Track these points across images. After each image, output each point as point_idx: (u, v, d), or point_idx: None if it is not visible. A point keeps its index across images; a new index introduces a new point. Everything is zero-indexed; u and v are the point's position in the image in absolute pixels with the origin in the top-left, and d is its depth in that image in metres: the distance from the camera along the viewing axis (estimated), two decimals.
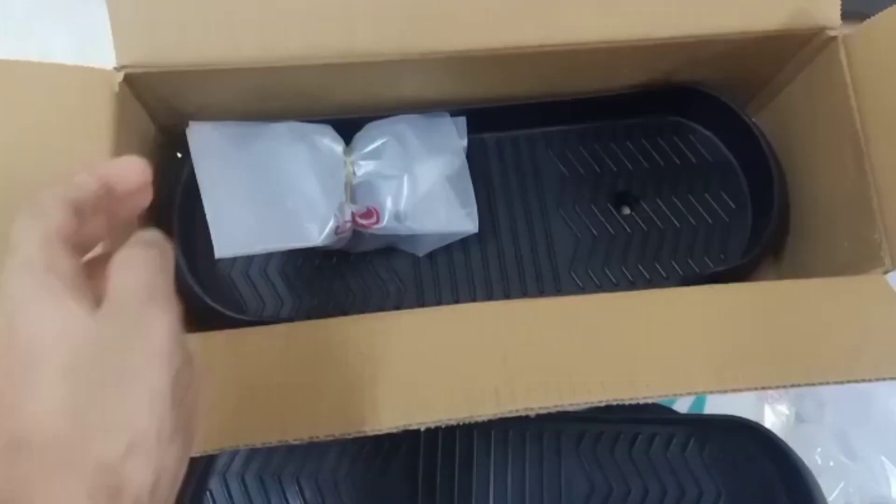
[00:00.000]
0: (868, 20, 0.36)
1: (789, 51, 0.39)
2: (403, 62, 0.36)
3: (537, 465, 0.38)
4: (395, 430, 0.28)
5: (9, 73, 0.33)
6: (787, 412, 0.41)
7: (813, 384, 0.30)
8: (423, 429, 0.39)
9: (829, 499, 0.38)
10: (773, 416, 0.41)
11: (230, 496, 0.38)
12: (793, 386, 0.30)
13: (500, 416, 0.28)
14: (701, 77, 0.42)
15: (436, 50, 0.35)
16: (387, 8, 0.35)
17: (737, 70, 0.41)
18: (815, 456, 0.38)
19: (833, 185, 0.38)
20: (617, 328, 0.31)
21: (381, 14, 0.35)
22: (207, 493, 0.38)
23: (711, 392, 0.29)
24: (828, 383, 0.30)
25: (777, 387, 0.30)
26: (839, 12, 0.37)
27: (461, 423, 0.39)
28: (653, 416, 0.40)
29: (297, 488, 0.38)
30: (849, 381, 0.30)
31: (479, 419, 0.28)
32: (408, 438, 0.39)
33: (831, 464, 0.38)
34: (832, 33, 0.37)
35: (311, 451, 0.39)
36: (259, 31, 0.35)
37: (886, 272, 0.34)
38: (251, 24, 0.34)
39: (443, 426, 0.40)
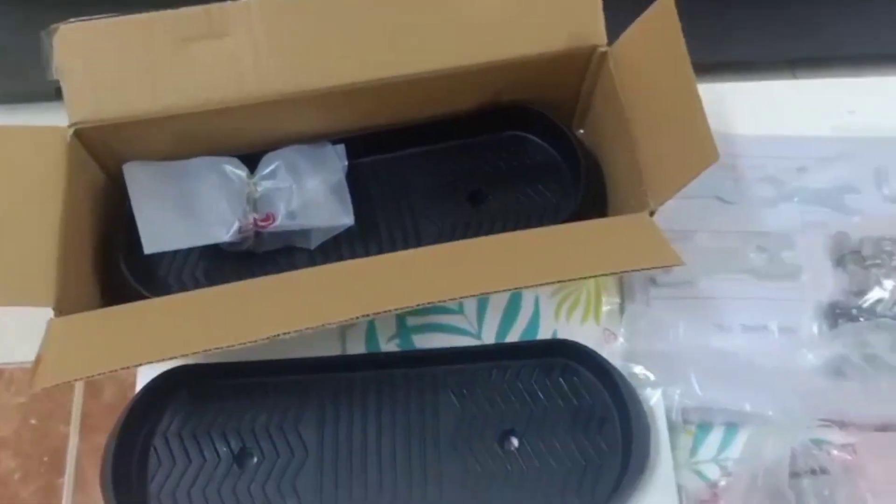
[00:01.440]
0: (623, 34, 0.48)
1: (579, 67, 0.51)
2: (281, 102, 0.48)
3: (418, 398, 0.48)
4: (265, 340, 0.38)
5: None
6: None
7: (585, 277, 0.40)
8: (325, 389, 0.49)
9: (651, 402, 0.47)
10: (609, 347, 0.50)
11: (171, 451, 0.47)
12: (571, 280, 0.41)
13: (345, 323, 0.39)
14: (527, 96, 0.54)
15: (302, 89, 0.48)
16: (265, 61, 0.47)
17: (550, 87, 0.53)
18: (636, 371, 0.48)
19: (623, 167, 0.50)
20: (429, 263, 0.42)
21: (261, 66, 0.47)
22: (152, 449, 0.47)
23: (495, 292, 0.40)
24: (598, 275, 0.40)
25: (557, 281, 0.40)
26: (604, 31, 0.49)
27: (354, 374, 0.49)
28: (506, 351, 0.49)
29: (224, 439, 0.47)
30: (613, 273, 0.40)
31: (330, 326, 0.38)
32: (317, 390, 0.48)
33: (651, 377, 0.47)
34: (602, 49, 0.49)
35: (234, 411, 0.48)
36: (173, 87, 0.47)
37: (651, 213, 0.45)
38: (169, 82, 0.47)
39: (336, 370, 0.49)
